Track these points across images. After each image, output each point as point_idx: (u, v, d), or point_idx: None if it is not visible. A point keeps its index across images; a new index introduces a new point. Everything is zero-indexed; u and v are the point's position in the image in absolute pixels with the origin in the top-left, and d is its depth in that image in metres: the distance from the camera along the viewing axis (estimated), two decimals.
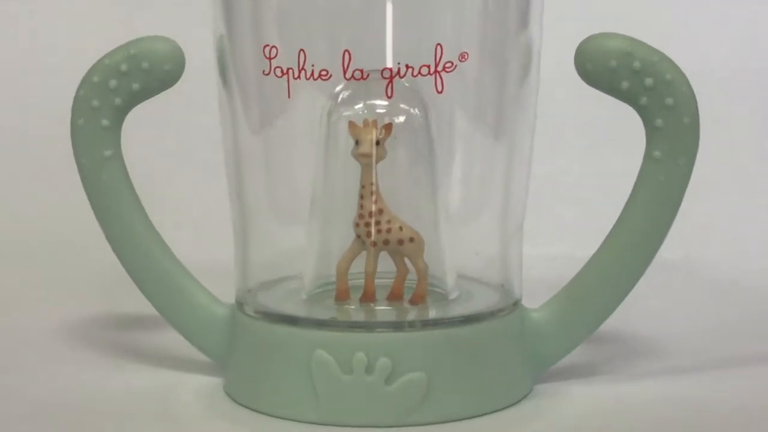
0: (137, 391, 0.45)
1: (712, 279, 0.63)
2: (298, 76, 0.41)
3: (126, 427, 0.42)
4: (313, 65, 0.40)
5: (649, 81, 0.41)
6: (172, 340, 0.48)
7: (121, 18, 0.72)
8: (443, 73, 0.40)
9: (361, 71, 0.40)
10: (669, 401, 0.44)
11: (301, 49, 0.40)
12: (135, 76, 0.43)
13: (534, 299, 0.46)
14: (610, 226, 0.44)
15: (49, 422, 0.42)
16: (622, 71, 0.41)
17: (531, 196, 0.46)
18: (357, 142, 0.42)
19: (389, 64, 0.40)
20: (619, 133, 0.52)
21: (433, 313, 0.43)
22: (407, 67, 0.40)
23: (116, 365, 0.48)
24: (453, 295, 0.44)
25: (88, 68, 0.43)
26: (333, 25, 0.42)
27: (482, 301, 0.44)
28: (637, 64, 0.41)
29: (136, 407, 0.43)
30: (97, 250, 0.49)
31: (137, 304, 0.48)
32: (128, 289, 0.47)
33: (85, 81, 0.43)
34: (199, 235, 0.62)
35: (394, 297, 0.43)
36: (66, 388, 0.46)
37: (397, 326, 0.42)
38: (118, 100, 0.43)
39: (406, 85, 0.41)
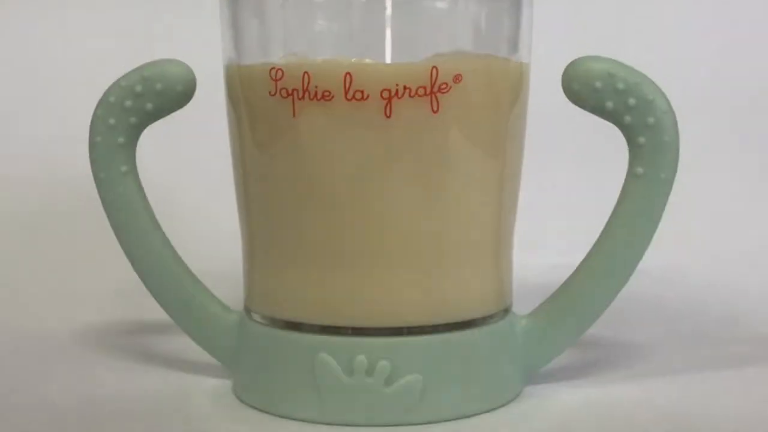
0: (152, 392, 0.44)
1: (690, 285, 0.63)
2: (302, 97, 0.40)
3: (141, 427, 0.41)
4: (316, 86, 0.40)
5: (632, 101, 0.40)
6: (184, 345, 0.47)
7: (137, 41, 0.73)
8: (438, 95, 0.40)
9: (362, 92, 0.40)
10: (651, 402, 0.43)
11: (305, 72, 0.40)
12: (149, 97, 0.42)
13: (527, 305, 0.45)
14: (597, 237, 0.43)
15: (69, 423, 0.41)
16: (607, 92, 0.40)
17: (524, 209, 0.45)
18: None
19: (388, 85, 0.40)
20: (605, 151, 0.51)
21: (429, 319, 0.42)
22: (405, 88, 0.39)
23: (133, 368, 0.48)
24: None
25: (105, 89, 0.43)
26: (335, 51, 0.41)
27: (476, 307, 0.43)
28: (620, 85, 0.40)
29: (152, 408, 0.43)
30: (114, 262, 0.48)
31: (152, 311, 0.47)
32: (144, 297, 0.46)
33: (103, 101, 0.43)
34: (211, 245, 0.60)
35: None
36: (86, 390, 0.45)
37: (396, 331, 0.41)
38: (133, 119, 0.43)
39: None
